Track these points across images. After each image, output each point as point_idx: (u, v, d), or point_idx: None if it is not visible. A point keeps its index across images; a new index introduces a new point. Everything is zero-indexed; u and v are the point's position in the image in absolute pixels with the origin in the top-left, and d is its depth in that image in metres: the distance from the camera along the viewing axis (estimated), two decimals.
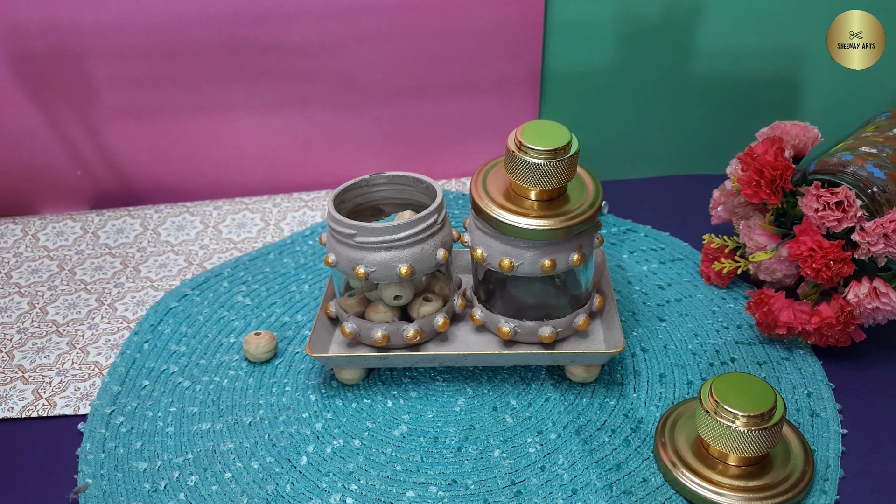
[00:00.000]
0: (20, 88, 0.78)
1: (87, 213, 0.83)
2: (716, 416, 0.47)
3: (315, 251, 0.75)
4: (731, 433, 0.47)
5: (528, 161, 0.51)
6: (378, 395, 0.59)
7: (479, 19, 0.78)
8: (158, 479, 0.53)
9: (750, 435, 0.47)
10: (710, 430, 0.48)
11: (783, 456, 0.50)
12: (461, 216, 0.79)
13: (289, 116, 0.83)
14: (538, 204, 0.53)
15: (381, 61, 0.80)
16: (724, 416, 0.47)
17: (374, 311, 0.58)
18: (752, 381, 0.49)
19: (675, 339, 0.62)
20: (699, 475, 0.49)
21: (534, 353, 0.56)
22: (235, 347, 0.64)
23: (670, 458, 0.50)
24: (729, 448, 0.48)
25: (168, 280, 0.72)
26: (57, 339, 0.66)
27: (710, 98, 0.84)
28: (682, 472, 0.49)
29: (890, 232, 0.54)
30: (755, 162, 0.58)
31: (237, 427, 0.56)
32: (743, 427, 0.47)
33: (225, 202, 0.83)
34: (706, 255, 0.67)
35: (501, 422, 0.56)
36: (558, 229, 0.52)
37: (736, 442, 0.47)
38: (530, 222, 0.52)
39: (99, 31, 0.76)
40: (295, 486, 0.52)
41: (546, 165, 0.51)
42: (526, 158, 0.51)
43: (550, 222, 0.52)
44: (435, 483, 0.52)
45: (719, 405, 0.47)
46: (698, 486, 0.49)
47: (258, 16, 0.76)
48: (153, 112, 0.81)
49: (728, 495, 0.48)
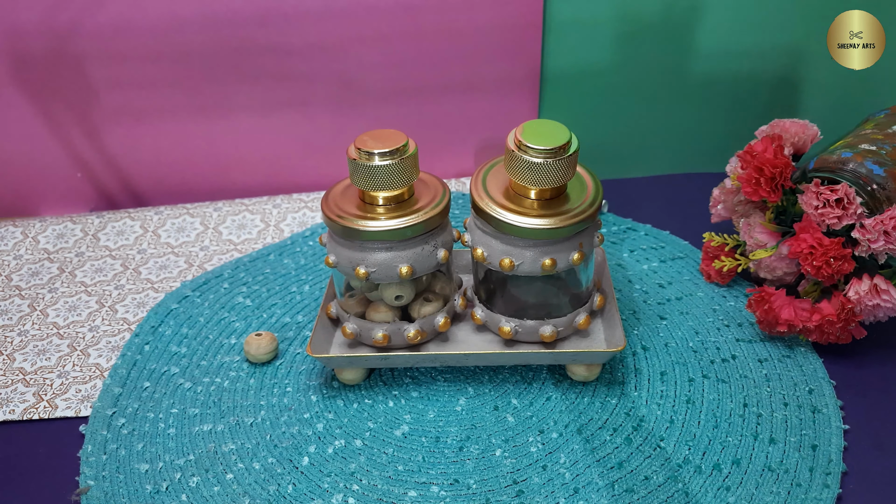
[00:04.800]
0: (20, 91, 0.78)
1: (87, 216, 0.83)
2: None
3: (315, 252, 0.75)
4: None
5: (527, 160, 0.51)
6: (379, 395, 0.59)
7: (479, 19, 0.78)
8: (160, 481, 0.53)
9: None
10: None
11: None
12: (461, 216, 0.79)
13: (289, 117, 0.83)
14: (538, 203, 0.53)
15: (381, 62, 0.80)
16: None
17: (374, 312, 0.58)
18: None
19: (675, 337, 0.62)
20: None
21: (535, 353, 0.56)
22: (236, 348, 0.64)
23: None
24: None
25: (168, 282, 0.72)
26: (58, 341, 0.66)
27: (710, 97, 0.84)
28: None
29: (890, 229, 0.54)
30: (755, 160, 0.58)
31: (238, 428, 0.56)
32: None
33: (225, 203, 0.83)
34: (706, 254, 0.67)
35: (503, 421, 0.56)
36: (559, 228, 0.52)
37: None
38: (531, 221, 0.52)
39: (99, 34, 0.76)
40: (297, 487, 0.52)
41: (546, 164, 0.51)
42: (526, 158, 0.51)
43: (551, 221, 0.52)
44: (437, 483, 0.52)
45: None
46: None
47: (257, 17, 0.76)
48: (153, 114, 0.81)
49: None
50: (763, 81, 0.83)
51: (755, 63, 0.82)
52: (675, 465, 0.52)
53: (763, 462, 0.52)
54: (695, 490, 0.50)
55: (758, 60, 0.82)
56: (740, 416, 0.55)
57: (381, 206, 0.55)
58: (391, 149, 0.53)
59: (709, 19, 0.79)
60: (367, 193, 0.55)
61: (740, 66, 0.82)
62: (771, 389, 0.57)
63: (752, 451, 0.52)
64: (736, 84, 0.83)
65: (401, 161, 0.53)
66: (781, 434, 0.53)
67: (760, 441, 0.53)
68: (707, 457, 0.52)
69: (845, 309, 0.56)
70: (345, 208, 0.55)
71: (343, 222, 0.54)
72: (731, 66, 0.82)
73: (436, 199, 0.56)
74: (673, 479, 0.51)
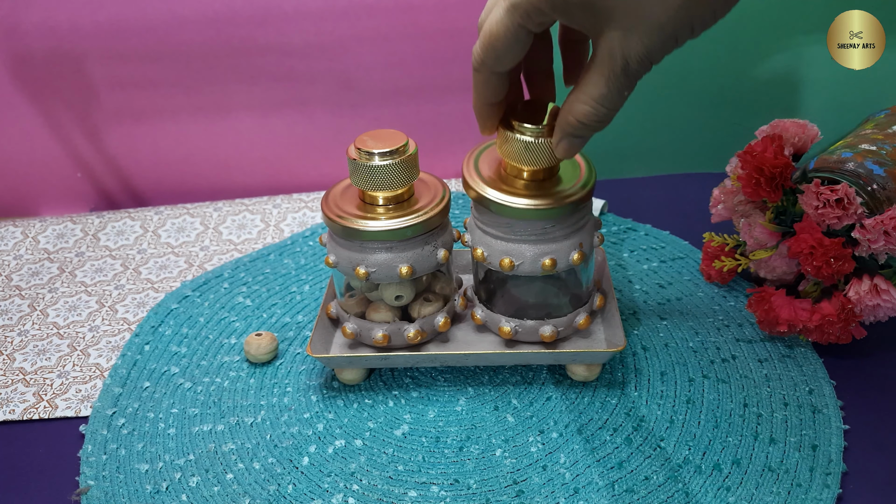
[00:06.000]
0: (19, 90, 0.78)
1: (87, 216, 0.83)
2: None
3: (315, 252, 0.75)
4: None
5: (522, 140, 0.51)
6: (379, 395, 0.59)
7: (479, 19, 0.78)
8: (160, 481, 0.53)
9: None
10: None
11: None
12: (461, 216, 0.79)
13: (288, 117, 0.83)
14: (531, 184, 0.53)
15: (381, 62, 0.80)
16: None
17: (374, 312, 0.58)
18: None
19: (675, 337, 0.62)
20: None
21: (535, 353, 0.56)
22: (236, 348, 0.64)
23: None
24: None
25: (168, 282, 0.72)
26: (58, 341, 0.66)
27: (710, 96, 0.84)
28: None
29: (890, 229, 0.54)
30: (755, 160, 0.58)
31: (239, 428, 0.56)
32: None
33: (225, 203, 0.83)
34: (706, 254, 0.67)
35: (503, 421, 0.56)
36: (551, 209, 0.52)
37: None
38: (522, 201, 0.52)
39: (98, 33, 0.76)
40: (297, 487, 0.52)
41: (538, 144, 0.51)
42: (520, 137, 0.51)
43: (542, 202, 0.52)
44: (437, 483, 0.52)
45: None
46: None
47: (257, 17, 0.76)
48: (153, 113, 0.81)
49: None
50: (763, 81, 0.83)
51: (755, 63, 0.82)
52: (675, 465, 0.52)
53: (763, 462, 0.52)
54: (695, 490, 0.50)
55: (758, 60, 0.82)
56: (740, 416, 0.55)
57: (381, 206, 0.55)
58: (391, 149, 0.53)
59: None
60: (367, 193, 0.55)
61: (740, 65, 0.82)
62: (771, 389, 0.57)
63: (752, 451, 0.52)
64: (736, 83, 0.83)
65: (401, 161, 0.53)
66: (781, 434, 0.53)
67: (760, 441, 0.53)
68: (707, 457, 0.52)
69: (845, 309, 0.56)
70: (345, 208, 0.55)
71: (343, 222, 0.54)
72: (731, 65, 0.82)
73: (436, 199, 0.56)
74: (673, 479, 0.51)
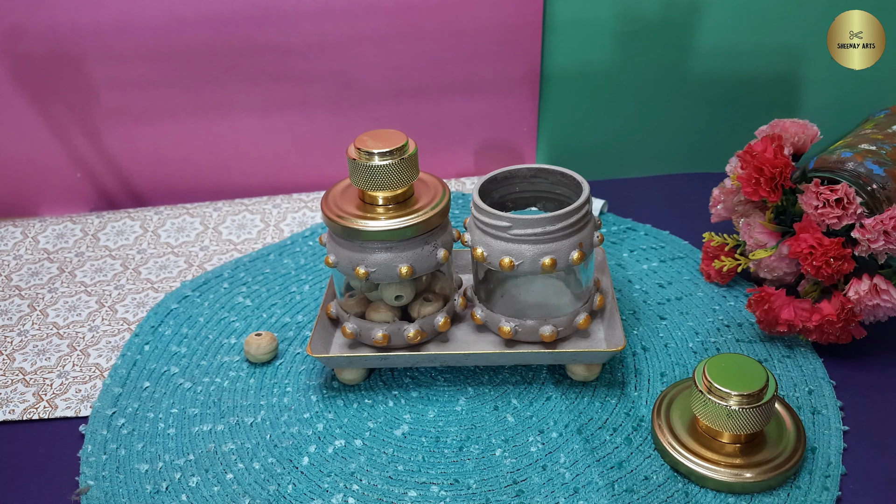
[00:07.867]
0: (20, 91, 0.78)
1: (87, 216, 0.83)
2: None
3: (315, 252, 0.75)
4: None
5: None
6: (379, 395, 0.59)
7: (479, 19, 0.78)
8: (160, 481, 0.53)
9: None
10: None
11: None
12: (461, 216, 0.79)
13: (288, 117, 0.83)
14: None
15: (381, 61, 0.80)
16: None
17: (374, 312, 0.58)
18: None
19: (675, 337, 0.62)
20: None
21: (535, 353, 0.56)
22: (236, 348, 0.64)
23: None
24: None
25: (168, 282, 0.72)
26: (58, 341, 0.66)
27: (710, 96, 0.84)
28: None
29: (890, 229, 0.54)
30: (755, 160, 0.58)
31: (238, 428, 0.56)
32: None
33: (225, 203, 0.83)
34: (706, 254, 0.67)
35: (503, 421, 0.56)
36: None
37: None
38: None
39: (98, 34, 0.76)
40: (297, 487, 0.52)
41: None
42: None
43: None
44: (437, 483, 0.52)
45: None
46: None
47: (257, 17, 0.76)
48: (152, 114, 0.81)
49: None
50: (763, 81, 0.83)
51: (755, 63, 0.82)
52: None
53: None
54: (695, 490, 0.50)
55: (758, 60, 0.82)
56: None
57: (381, 206, 0.55)
58: (391, 149, 0.53)
59: (709, 19, 0.79)
60: (366, 193, 0.55)
61: (740, 66, 0.82)
62: None
63: None
64: (735, 83, 0.83)
65: (401, 161, 0.53)
66: None
67: None
68: None
69: (845, 309, 0.56)
70: (345, 208, 0.55)
71: (343, 222, 0.54)
72: (731, 66, 0.82)
73: (436, 199, 0.56)
74: (673, 479, 0.51)
